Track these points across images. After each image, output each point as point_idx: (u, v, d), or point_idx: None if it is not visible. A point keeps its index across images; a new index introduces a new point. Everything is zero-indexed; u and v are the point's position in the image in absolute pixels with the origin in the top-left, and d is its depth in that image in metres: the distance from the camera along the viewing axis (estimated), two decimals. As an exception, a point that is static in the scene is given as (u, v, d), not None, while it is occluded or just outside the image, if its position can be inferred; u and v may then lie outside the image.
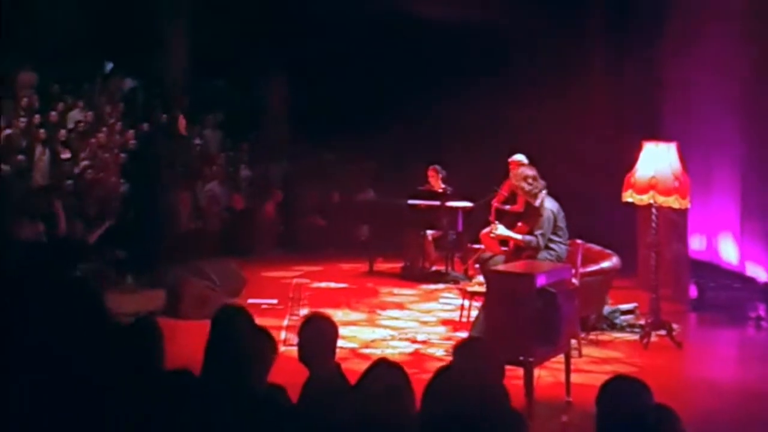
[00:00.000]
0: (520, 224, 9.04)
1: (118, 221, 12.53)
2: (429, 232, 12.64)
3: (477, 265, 9.92)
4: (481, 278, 9.33)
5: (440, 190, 12.58)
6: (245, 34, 16.27)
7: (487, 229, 9.47)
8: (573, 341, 7.77)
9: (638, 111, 12.26)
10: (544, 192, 8.71)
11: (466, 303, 9.64)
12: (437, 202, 12.47)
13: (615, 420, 3.72)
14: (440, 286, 12.06)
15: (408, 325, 9.84)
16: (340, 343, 4.72)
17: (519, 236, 8.79)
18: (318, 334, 4.62)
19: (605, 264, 9.48)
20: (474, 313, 9.19)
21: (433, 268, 12.81)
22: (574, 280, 7.96)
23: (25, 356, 3.82)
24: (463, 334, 8.79)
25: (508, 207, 10.55)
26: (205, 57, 16.27)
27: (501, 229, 9.02)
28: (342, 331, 4.77)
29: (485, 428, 2.99)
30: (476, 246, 10.62)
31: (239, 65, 16.66)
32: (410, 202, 12.75)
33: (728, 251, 11.29)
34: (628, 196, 9.21)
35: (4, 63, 15.03)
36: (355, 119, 15.35)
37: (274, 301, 10.72)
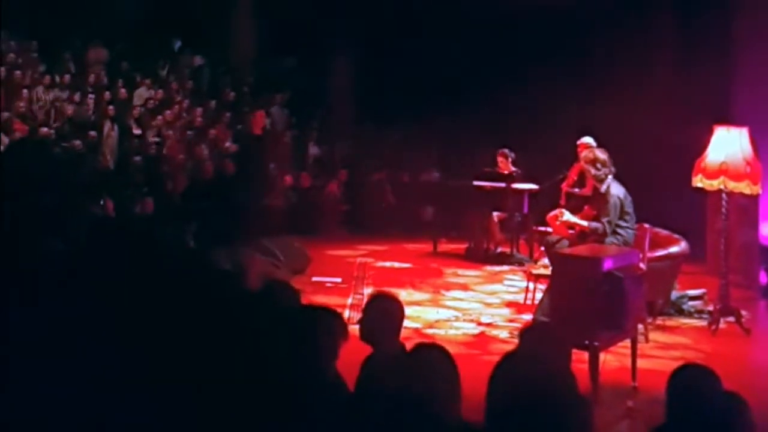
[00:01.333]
0: (586, 208, 8.96)
1: (186, 198, 12.68)
2: (494, 213, 12.59)
3: (542, 248, 9.85)
4: (546, 261, 9.27)
5: (507, 173, 12.52)
6: (314, 12, 16.30)
7: (554, 213, 9.39)
8: (640, 326, 7.68)
9: (709, 94, 12.03)
10: (610, 177, 8.60)
11: (531, 285, 9.58)
12: (503, 184, 12.40)
13: (684, 408, 3.73)
14: (505, 267, 12.01)
15: (472, 306, 9.82)
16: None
17: (585, 223, 8.70)
18: (384, 313, 4.61)
19: (673, 249, 9.37)
20: (539, 295, 9.14)
21: (498, 250, 12.77)
22: (641, 265, 7.87)
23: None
24: (528, 317, 8.77)
25: (577, 190, 10.45)
26: (273, 35, 16.33)
27: (567, 216, 8.93)
28: (406, 310, 4.76)
29: (552, 413, 2.96)
30: (542, 228, 10.57)
31: (307, 43, 16.70)
32: (475, 183, 12.71)
33: (800, 238, 11.07)
34: (698, 182, 9.07)
35: (74, 39, 15.28)
36: (422, 100, 15.31)
37: (338, 280, 10.76)
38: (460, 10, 15.44)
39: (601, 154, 8.66)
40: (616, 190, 8.56)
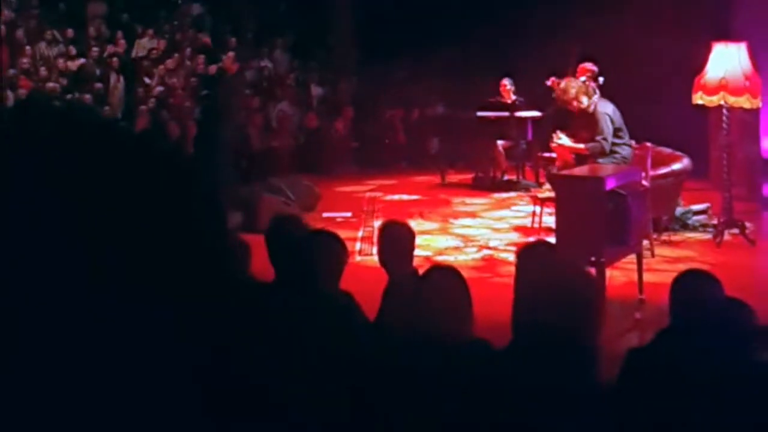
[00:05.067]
0: (581, 132, 9.04)
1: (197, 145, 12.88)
2: (499, 142, 12.72)
3: (547, 178, 9.96)
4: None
5: (510, 101, 12.63)
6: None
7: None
8: (645, 242, 7.84)
9: (707, 10, 12.04)
10: (596, 96, 8.71)
11: (538, 209, 9.73)
12: (506, 113, 12.51)
13: (687, 312, 3.79)
14: (512, 194, 12.15)
15: (480, 232, 9.97)
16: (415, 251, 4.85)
17: (581, 145, 8.82)
18: (395, 238, 4.80)
19: (676, 166, 9.49)
20: (545, 219, 9.30)
21: (505, 178, 12.92)
22: (644, 183, 8.01)
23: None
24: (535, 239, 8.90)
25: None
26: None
27: (564, 139, 9.04)
28: (416, 240, 4.91)
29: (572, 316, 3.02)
30: (546, 154, 10.69)
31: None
32: (479, 114, 12.82)
33: (802, 150, 11.16)
34: (698, 98, 9.17)
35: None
36: (422, 34, 15.27)
37: (348, 214, 10.93)
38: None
39: (577, 84, 8.75)
40: (604, 107, 8.66)
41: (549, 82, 10.43)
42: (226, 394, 1.48)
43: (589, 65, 10.55)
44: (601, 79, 10.04)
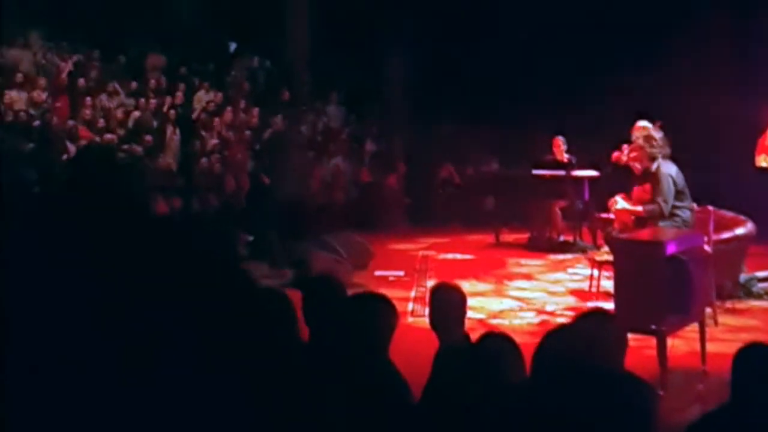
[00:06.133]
0: (635, 189, 8.83)
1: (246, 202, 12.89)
2: (555, 201, 12.53)
3: (606, 242, 9.74)
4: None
5: (564, 160, 12.47)
6: (364, 9, 16.33)
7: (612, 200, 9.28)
8: (708, 310, 7.58)
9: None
10: (660, 157, 8.49)
11: (595, 273, 9.50)
12: (562, 172, 12.34)
13: (750, 387, 3.66)
14: (568, 256, 11.94)
15: (536, 295, 9.76)
16: (468, 313, 4.72)
17: (639, 208, 8.59)
18: (445, 303, 4.65)
19: (739, 230, 9.24)
20: (603, 282, 9.07)
21: (561, 239, 12.70)
22: (706, 248, 7.76)
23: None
24: (593, 304, 8.67)
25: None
26: (327, 33, 16.38)
27: (621, 203, 8.83)
28: (469, 301, 4.76)
29: (604, 392, 2.90)
30: (604, 215, 10.46)
31: (359, 40, 16.73)
32: (535, 172, 12.66)
33: None
34: (762, 161, 8.96)
35: (133, 47, 15.56)
36: (477, 90, 15.26)
37: (401, 273, 10.79)
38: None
39: (656, 133, 8.56)
40: (667, 168, 8.45)
41: (615, 159, 10.24)
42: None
43: (643, 124, 10.34)
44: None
